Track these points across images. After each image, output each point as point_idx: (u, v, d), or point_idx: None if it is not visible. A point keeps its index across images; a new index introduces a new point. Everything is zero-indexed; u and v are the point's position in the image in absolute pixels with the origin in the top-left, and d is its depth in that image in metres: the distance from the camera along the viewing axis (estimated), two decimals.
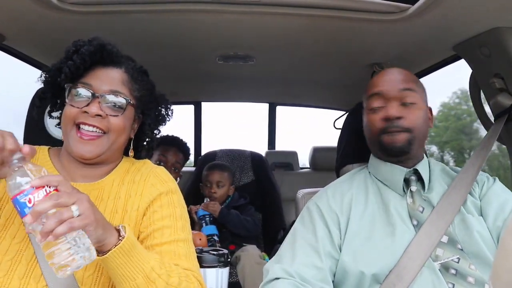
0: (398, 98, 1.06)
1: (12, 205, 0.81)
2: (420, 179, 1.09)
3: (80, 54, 0.89)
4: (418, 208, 1.03)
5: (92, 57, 0.91)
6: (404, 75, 1.10)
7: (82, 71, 0.91)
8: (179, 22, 1.36)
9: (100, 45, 0.92)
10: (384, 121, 1.06)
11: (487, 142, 1.19)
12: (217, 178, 2.20)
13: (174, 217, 0.95)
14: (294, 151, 2.93)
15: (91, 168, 0.95)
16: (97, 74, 0.92)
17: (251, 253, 1.88)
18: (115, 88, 0.92)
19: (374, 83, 1.12)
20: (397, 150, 1.06)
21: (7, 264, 0.81)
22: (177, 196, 0.99)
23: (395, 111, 1.04)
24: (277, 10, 1.24)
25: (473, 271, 0.92)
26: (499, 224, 0.98)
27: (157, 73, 2.03)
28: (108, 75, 0.93)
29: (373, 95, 1.10)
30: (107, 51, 0.93)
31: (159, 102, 1.06)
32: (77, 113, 0.88)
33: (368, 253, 0.98)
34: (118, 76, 0.94)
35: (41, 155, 0.96)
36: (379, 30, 1.37)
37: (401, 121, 1.04)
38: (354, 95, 2.38)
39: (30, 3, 1.16)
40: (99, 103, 0.89)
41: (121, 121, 0.92)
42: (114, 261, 0.76)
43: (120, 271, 0.77)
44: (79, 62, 0.89)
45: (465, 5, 1.12)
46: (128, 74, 0.96)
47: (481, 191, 1.07)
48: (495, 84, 1.30)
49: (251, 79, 2.21)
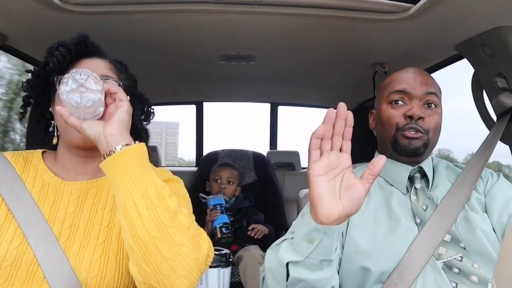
0: (422, 99, 1.06)
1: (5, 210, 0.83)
2: (424, 176, 1.08)
3: (65, 46, 0.90)
4: (422, 206, 1.03)
5: (77, 47, 0.92)
6: (429, 77, 1.10)
7: (68, 62, 0.91)
8: (181, 23, 1.36)
9: (83, 36, 0.94)
10: (405, 118, 1.04)
11: (490, 142, 1.19)
12: (228, 174, 2.27)
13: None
14: (296, 151, 2.93)
15: (89, 163, 0.94)
16: (84, 64, 0.92)
17: (253, 253, 1.88)
18: (105, 73, 0.92)
19: (400, 79, 1.09)
20: (410, 150, 1.04)
21: (6, 270, 0.79)
22: (179, 185, 0.99)
23: (419, 110, 1.04)
24: (279, 10, 1.25)
25: (476, 270, 0.92)
26: (504, 221, 0.98)
27: (159, 73, 2.06)
28: (95, 63, 0.93)
29: (397, 91, 1.07)
30: (91, 42, 0.95)
31: (141, 100, 1.07)
32: None
33: (372, 250, 0.97)
34: (105, 64, 0.95)
35: (35, 158, 0.95)
36: (381, 30, 1.37)
37: (422, 122, 1.04)
38: (355, 95, 2.38)
39: (33, 4, 1.17)
40: None
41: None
42: (126, 161, 0.74)
43: (131, 174, 0.74)
44: (65, 51, 0.89)
45: (467, 5, 1.12)
46: (113, 64, 0.97)
47: (485, 187, 1.07)
48: (498, 84, 1.29)
49: (253, 79, 2.21)
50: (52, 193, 0.90)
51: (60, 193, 0.90)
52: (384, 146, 1.12)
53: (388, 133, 1.08)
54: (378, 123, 1.14)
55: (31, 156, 0.96)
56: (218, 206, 2.04)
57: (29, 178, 0.91)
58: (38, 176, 0.92)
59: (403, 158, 1.08)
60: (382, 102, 1.11)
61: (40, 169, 0.93)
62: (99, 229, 0.87)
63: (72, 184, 0.92)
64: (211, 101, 2.95)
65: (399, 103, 1.07)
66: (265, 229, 2.14)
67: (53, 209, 0.88)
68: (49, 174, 0.93)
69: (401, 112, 1.06)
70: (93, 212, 0.89)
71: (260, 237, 2.09)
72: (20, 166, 0.92)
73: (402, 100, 1.07)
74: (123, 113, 0.80)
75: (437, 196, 1.05)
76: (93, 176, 0.95)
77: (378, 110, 1.13)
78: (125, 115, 0.80)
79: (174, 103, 2.95)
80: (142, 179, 0.75)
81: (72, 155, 0.94)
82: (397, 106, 1.07)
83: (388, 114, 1.08)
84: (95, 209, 0.90)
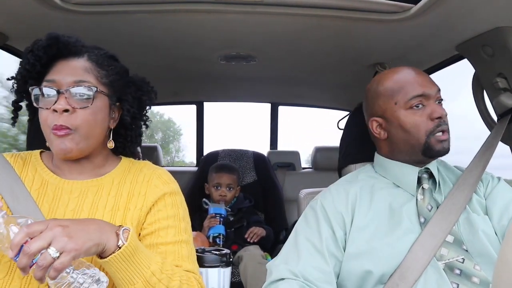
0: (435, 97, 1.05)
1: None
2: (431, 177, 1.08)
3: (34, 52, 0.87)
4: (427, 206, 1.03)
5: (48, 51, 0.87)
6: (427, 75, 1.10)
7: (40, 68, 0.88)
8: (181, 23, 1.36)
9: (54, 37, 0.88)
10: (432, 120, 1.03)
11: (490, 142, 1.18)
12: (228, 181, 2.21)
13: (177, 218, 0.95)
14: (296, 151, 2.93)
15: (82, 165, 0.94)
16: (59, 67, 0.88)
17: (253, 253, 1.88)
18: (79, 78, 0.87)
19: (410, 82, 1.05)
20: (444, 152, 1.04)
21: (6, 265, 0.81)
22: (180, 198, 0.99)
23: (441, 109, 1.03)
24: (279, 10, 1.24)
25: (478, 272, 0.92)
26: (504, 223, 0.98)
27: (159, 73, 2.05)
28: (69, 66, 0.88)
29: (417, 96, 1.04)
30: (63, 43, 0.89)
31: (138, 86, 1.00)
32: (48, 114, 0.85)
33: (373, 252, 0.97)
34: (81, 65, 0.89)
35: (33, 158, 0.95)
36: (382, 30, 1.37)
37: (446, 119, 1.04)
38: (356, 95, 2.38)
39: (33, 3, 1.17)
40: (65, 98, 0.85)
41: (92, 112, 0.87)
42: (114, 265, 0.76)
43: (120, 274, 0.77)
44: (34, 59, 0.86)
45: (468, 5, 1.12)
46: (92, 61, 0.91)
47: (486, 190, 1.07)
48: (498, 84, 1.29)
49: (253, 79, 2.21)
50: (52, 191, 0.90)
51: (60, 190, 0.90)
52: (407, 151, 1.07)
53: (417, 140, 1.04)
54: (396, 131, 1.07)
55: (29, 156, 0.96)
56: (218, 215, 2.04)
57: (28, 177, 0.91)
58: (37, 175, 0.92)
59: (424, 159, 1.06)
60: (397, 108, 1.06)
61: (39, 168, 0.93)
62: None
63: (72, 183, 0.92)
64: (211, 101, 2.95)
65: (419, 106, 1.04)
66: (262, 232, 2.12)
67: (52, 206, 0.88)
68: (48, 172, 0.93)
69: (425, 116, 1.03)
70: (93, 210, 0.89)
71: (256, 240, 2.08)
72: (19, 166, 0.92)
73: (421, 103, 1.04)
74: (72, 252, 0.69)
75: (441, 197, 1.05)
76: (92, 175, 0.95)
77: (393, 117, 1.07)
78: (72, 248, 0.69)
79: (174, 103, 2.95)
80: (130, 277, 0.77)
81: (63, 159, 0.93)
82: (418, 110, 1.04)
83: (413, 121, 1.04)
84: (95, 207, 0.90)
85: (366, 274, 0.96)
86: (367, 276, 0.96)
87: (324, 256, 0.99)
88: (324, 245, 1.00)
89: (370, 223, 1.02)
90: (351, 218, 1.03)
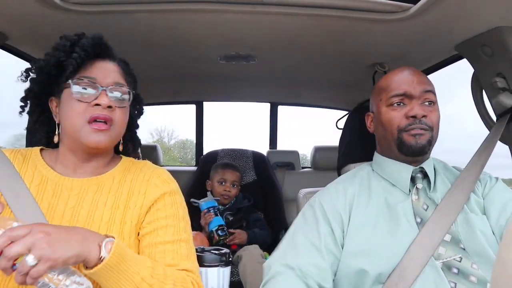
0: (420, 98, 1.06)
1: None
2: (426, 177, 1.09)
3: (82, 47, 0.89)
4: (423, 205, 1.04)
5: (95, 50, 0.91)
6: (424, 76, 1.11)
7: (80, 62, 0.90)
8: (181, 22, 1.37)
9: (99, 38, 0.94)
10: (407, 118, 1.05)
11: (489, 142, 1.19)
12: (233, 177, 2.26)
13: (177, 217, 0.96)
14: (296, 150, 2.93)
15: (92, 162, 0.95)
16: (98, 67, 0.92)
17: (253, 252, 1.88)
18: (117, 80, 0.93)
19: (397, 81, 1.09)
20: (418, 149, 1.05)
21: None
22: (179, 197, 1.00)
23: (421, 109, 1.05)
24: (279, 10, 1.25)
25: (476, 270, 0.92)
26: (502, 223, 0.99)
27: (159, 73, 2.06)
28: (108, 68, 0.93)
29: (397, 95, 1.08)
30: (105, 44, 0.95)
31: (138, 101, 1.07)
32: (87, 107, 0.88)
33: (371, 252, 0.98)
34: (116, 69, 0.95)
35: (33, 155, 0.96)
36: (381, 30, 1.37)
37: (426, 119, 1.05)
38: (355, 95, 2.38)
39: (33, 3, 1.17)
40: (107, 96, 0.89)
41: (126, 112, 0.95)
42: (100, 276, 0.75)
43: (109, 283, 0.76)
44: (84, 55, 0.89)
45: (467, 5, 1.12)
46: (121, 67, 0.97)
47: (483, 190, 1.08)
48: (497, 84, 1.29)
49: (253, 78, 2.21)
50: (51, 188, 0.90)
51: (60, 187, 0.91)
52: (387, 147, 1.12)
53: (391, 135, 1.08)
54: (378, 126, 1.14)
55: (29, 153, 0.96)
56: (211, 208, 2.04)
57: (27, 173, 0.91)
58: (37, 171, 0.92)
59: (408, 158, 1.08)
60: (381, 104, 1.12)
61: (39, 165, 0.93)
62: (99, 224, 0.88)
63: (72, 180, 0.92)
64: (211, 101, 2.95)
65: (400, 104, 1.08)
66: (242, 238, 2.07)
67: (52, 202, 0.88)
68: (48, 169, 0.93)
69: (402, 113, 1.06)
70: (93, 208, 0.90)
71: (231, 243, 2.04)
72: (18, 162, 0.93)
73: (402, 101, 1.08)
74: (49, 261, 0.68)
75: (438, 196, 1.06)
76: (93, 174, 0.95)
77: (377, 113, 1.14)
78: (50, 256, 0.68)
79: (174, 103, 2.95)
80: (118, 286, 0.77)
81: (73, 155, 0.94)
82: (398, 107, 1.08)
83: (389, 116, 1.08)
84: (95, 205, 0.90)
85: (362, 273, 0.96)
86: (363, 275, 0.96)
87: (322, 253, 0.99)
88: (322, 243, 1.00)
89: (368, 222, 1.02)
90: (349, 217, 1.04)
